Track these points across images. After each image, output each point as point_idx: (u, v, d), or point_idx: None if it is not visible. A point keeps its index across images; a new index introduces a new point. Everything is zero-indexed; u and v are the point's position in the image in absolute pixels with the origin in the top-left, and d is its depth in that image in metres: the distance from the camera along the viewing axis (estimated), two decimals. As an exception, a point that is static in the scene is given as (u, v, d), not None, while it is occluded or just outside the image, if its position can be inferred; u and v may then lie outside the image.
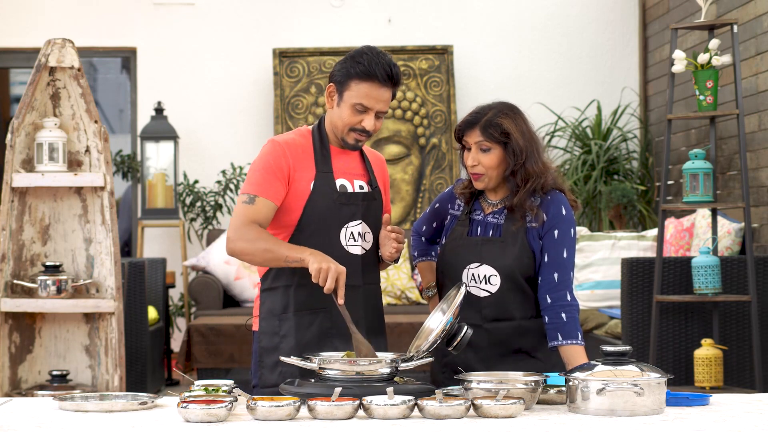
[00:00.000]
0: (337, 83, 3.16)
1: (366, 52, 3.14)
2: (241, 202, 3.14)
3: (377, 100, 3.13)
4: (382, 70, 3.11)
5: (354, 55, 3.15)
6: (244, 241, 3.09)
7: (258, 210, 3.11)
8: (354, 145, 3.20)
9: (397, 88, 3.17)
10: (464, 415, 2.58)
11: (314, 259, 2.97)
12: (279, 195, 3.14)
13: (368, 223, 3.22)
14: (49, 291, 4.52)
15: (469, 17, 8.36)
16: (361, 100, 3.12)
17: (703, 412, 2.69)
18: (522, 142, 3.13)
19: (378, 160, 3.36)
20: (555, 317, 3.11)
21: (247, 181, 3.17)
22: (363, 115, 3.14)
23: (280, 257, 3.05)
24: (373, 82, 3.11)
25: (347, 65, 3.14)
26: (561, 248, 3.14)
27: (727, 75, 6.23)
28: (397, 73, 3.14)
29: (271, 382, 3.16)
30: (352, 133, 3.17)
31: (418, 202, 8.15)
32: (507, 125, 3.13)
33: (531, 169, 3.13)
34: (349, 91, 3.13)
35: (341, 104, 3.16)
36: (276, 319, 3.18)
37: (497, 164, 3.15)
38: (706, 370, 5.17)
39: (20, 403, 2.85)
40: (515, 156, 3.13)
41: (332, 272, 2.94)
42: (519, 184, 3.14)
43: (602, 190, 7.52)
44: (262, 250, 3.07)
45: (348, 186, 3.21)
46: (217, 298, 7.36)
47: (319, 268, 2.94)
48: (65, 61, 4.55)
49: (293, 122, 8.09)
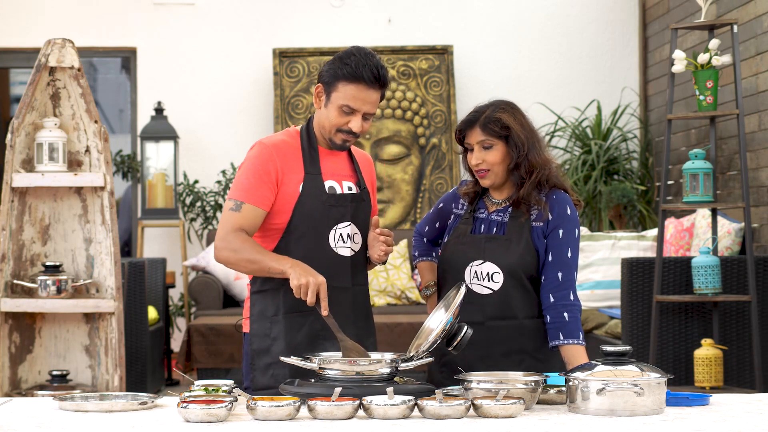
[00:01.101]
0: (325, 84, 3.16)
1: (354, 53, 3.13)
2: (228, 208, 3.14)
3: (364, 101, 3.12)
4: (369, 72, 3.09)
5: (342, 57, 3.14)
6: (229, 251, 3.09)
7: (244, 217, 3.11)
8: (341, 145, 3.19)
9: (385, 90, 3.16)
10: (464, 415, 2.58)
11: (294, 273, 2.97)
12: (266, 200, 3.13)
13: (357, 224, 3.22)
14: (49, 291, 4.52)
15: (469, 17, 8.36)
16: (348, 102, 3.11)
17: (703, 412, 2.69)
18: (523, 134, 3.16)
19: (365, 161, 3.35)
20: (557, 316, 3.11)
21: (234, 185, 3.16)
22: (350, 117, 3.13)
23: (263, 268, 3.06)
24: (360, 84, 3.10)
25: (335, 66, 3.13)
26: (565, 248, 3.15)
27: (727, 75, 6.23)
28: (384, 75, 3.13)
29: (263, 384, 3.15)
30: (339, 134, 3.16)
31: (418, 202, 8.15)
32: (506, 119, 3.15)
33: (534, 160, 3.16)
34: (336, 93, 3.12)
35: (328, 105, 3.15)
36: (267, 321, 3.18)
37: (501, 159, 3.17)
38: (706, 370, 5.17)
39: (20, 403, 2.85)
40: (517, 148, 3.15)
41: (312, 286, 2.94)
42: (524, 176, 3.16)
43: (602, 190, 7.52)
44: (246, 260, 3.07)
45: (337, 187, 3.21)
46: (217, 298, 7.36)
47: (299, 285, 2.95)
48: (65, 61, 4.55)
49: (293, 122, 8.09)
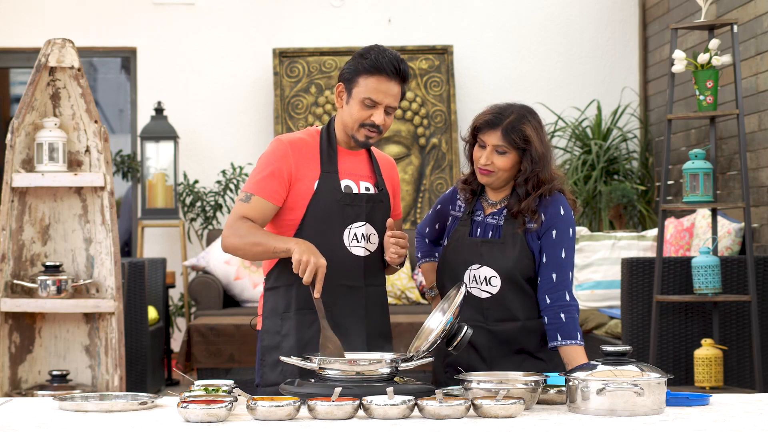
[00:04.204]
0: (346, 81, 3.19)
1: (373, 48, 3.18)
2: (239, 200, 3.19)
3: (386, 94, 3.14)
4: (389, 63, 3.13)
5: (362, 53, 3.18)
6: (236, 237, 3.12)
7: (252, 208, 3.15)
8: (365, 142, 3.21)
9: (406, 85, 3.19)
10: (464, 415, 2.58)
11: (298, 249, 3.00)
12: (276, 195, 3.16)
13: (374, 225, 3.23)
14: (49, 291, 4.52)
15: (469, 17, 8.36)
16: (369, 95, 3.14)
17: (703, 412, 2.69)
18: (540, 150, 3.13)
19: (388, 164, 3.36)
20: (554, 318, 3.11)
21: (249, 177, 3.21)
22: (372, 110, 3.16)
23: (269, 249, 3.08)
24: (381, 75, 3.14)
25: (355, 62, 3.18)
26: (559, 249, 3.14)
27: (727, 75, 6.23)
28: (405, 69, 3.17)
29: (271, 380, 3.18)
30: (362, 130, 3.18)
31: (418, 202, 8.15)
32: (529, 132, 3.12)
33: (544, 177, 3.14)
34: (357, 87, 3.15)
35: (350, 101, 3.18)
36: (278, 318, 3.20)
37: (510, 167, 3.15)
38: (706, 370, 5.17)
39: (20, 403, 2.85)
40: (532, 163, 3.12)
41: (311, 265, 2.96)
42: (530, 190, 3.14)
43: (602, 190, 7.52)
44: (252, 243, 3.10)
45: (353, 187, 3.22)
46: (217, 298, 7.36)
47: (300, 260, 2.97)
48: (65, 61, 4.55)
49: (293, 122, 8.09)
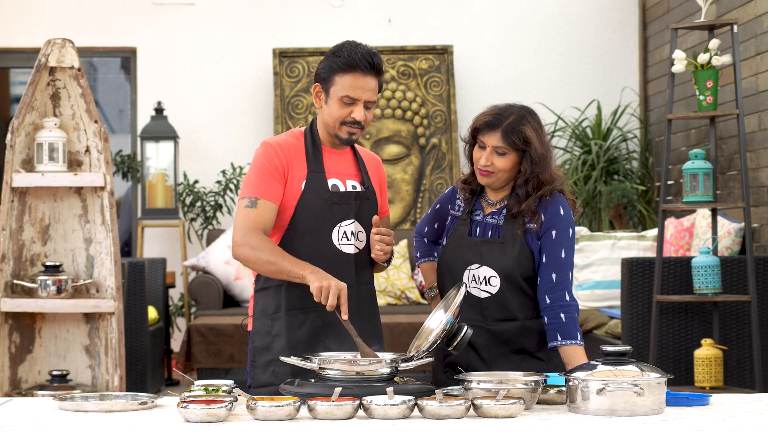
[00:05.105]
0: (322, 81, 3.19)
1: (345, 45, 3.18)
2: (243, 206, 3.14)
3: (363, 89, 3.14)
4: (363, 59, 3.13)
5: (334, 51, 3.18)
6: (249, 249, 3.09)
7: (261, 213, 3.12)
8: (348, 139, 3.20)
9: (381, 77, 3.19)
10: (464, 415, 2.58)
11: (315, 277, 2.97)
12: (278, 195, 3.16)
13: (361, 222, 3.23)
14: (49, 291, 4.52)
15: (469, 17, 8.36)
16: (347, 92, 3.14)
17: (703, 412, 2.69)
18: (540, 151, 3.12)
19: (373, 162, 3.36)
20: (554, 318, 3.11)
21: (245, 185, 3.17)
22: (352, 107, 3.16)
23: (282, 270, 3.05)
24: (356, 72, 3.14)
25: (329, 61, 3.18)
26: (559, 249, 3.14)
27: (727, 75, 6.23)
28: (379, 62, 3.17)
29: (263, 381, 3.17)
30: (344, 127, 3.18)
31: (418, 202, 8.15)
32: (529, 134, 3.12)
33: (544, 178, 3.13)
34: (334, 86, 3.16)
35: (329, 101, 3.18)
36: (268, 318, 3.20)
37: (510, 168, 3.15)
38: (706, 370, 5.17)
39: (20, 403, 2.85)
40: (532, 164, 3.12)
41: (333, 290, 2.94)
42: (530, 192, 3.14)
43: (602, 190, 7.52)
44: (265, 261, 3.07)
45: (340, 185, 3.22)
46: (217, 298, 7.36)
47: (320, 287, 2.94)
48: (65, 61, 4.55)
49: (293, 122, 8.09)
